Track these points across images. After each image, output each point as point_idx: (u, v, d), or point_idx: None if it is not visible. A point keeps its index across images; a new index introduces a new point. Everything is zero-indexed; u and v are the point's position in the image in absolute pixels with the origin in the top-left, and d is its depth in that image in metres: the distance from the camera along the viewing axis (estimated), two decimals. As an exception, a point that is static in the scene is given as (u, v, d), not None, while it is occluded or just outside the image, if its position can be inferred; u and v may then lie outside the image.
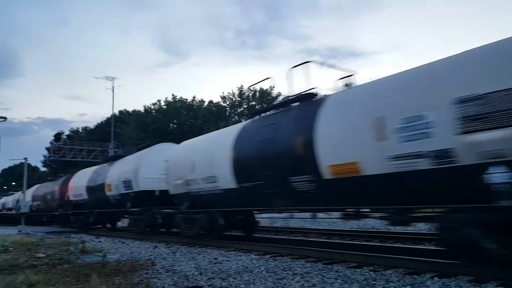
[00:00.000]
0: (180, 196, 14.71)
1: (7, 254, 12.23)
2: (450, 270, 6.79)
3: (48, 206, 32.61)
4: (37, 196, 35.69)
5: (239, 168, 11.68)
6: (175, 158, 15.68)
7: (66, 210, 27.05)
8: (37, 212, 34.67)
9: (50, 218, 33.43)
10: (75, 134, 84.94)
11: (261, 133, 11.17)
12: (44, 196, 33.71)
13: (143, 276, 8.02)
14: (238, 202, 12.35)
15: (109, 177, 20.89)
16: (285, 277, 7.30)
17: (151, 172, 17.60)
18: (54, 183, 32.31)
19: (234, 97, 64.00)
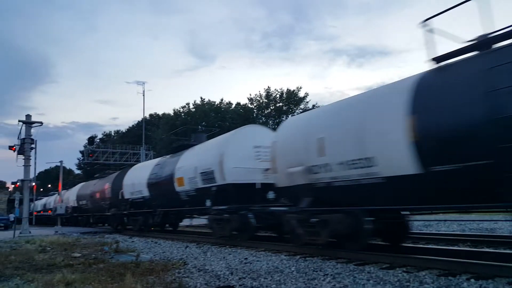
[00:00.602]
0: (295, 189, 10.89)
1: (45, 254, 12.58)
2: (487, 272, 6.65)
3: (96, 206, 29.72)
4: (83, 195, 33.10)
5: (429, 142, 7.48)
6: (286, 137, 11.75)
7: (119, 210, 24.16)
8: (83, 213, 33.43)
9: (98, 219, 31.52)
10: (108, 138, 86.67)
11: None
12: (91, 195, 30.64)
13: (175, 275, 8.13)
14: (415, 196, 8.30)
15: (180, 170, 17.56)
16: (316, 278, 7.30)
17: (239, 160, 14.32)
18: (104, 180, 29.26)
19: (261, 99, 64.09)
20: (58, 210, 28.71)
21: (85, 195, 32.09)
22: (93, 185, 31.08)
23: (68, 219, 37.99)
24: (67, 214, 36.09)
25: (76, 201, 34.14)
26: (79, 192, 34.41)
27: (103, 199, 27.51)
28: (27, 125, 25.85)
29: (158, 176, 19.73)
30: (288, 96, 61.88)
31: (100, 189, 28.41)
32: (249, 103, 65.48)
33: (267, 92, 63.46)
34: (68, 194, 38.49)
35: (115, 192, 24.97)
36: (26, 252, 13.12)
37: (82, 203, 32.79)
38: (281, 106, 61.32)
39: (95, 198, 29.34)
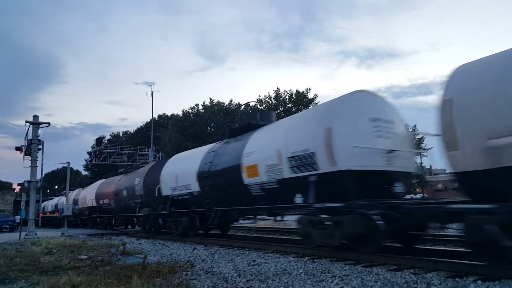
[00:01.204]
0: (502, 174, 6.79)
1: (51, 256, 12.58)
2: (494, 273, 6.56)
3: (121, 206, 26.12)
4: (104, 193, 29.44)
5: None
6: (478, 89, 7.31)
7: (155, 210, 20.41)
8: (104, 213, 30.16)
9: (124, 221, 28.90)
10: (116, 139, 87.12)
11: None
12: (116, 193, 26.84)
13: (182, 277, 8.10)
14: None
15: (251, 156, 13.27)
16: (324, 280, 7.24)
17: (355, 138, 9.90)
18: (132, 175, 25.66)
19: (270, 100, 64.16)
20: (65, 211, 28.70)
21: (107, 193, 28.64)
22: (118, 181, 27.50)
23: (85, 221, 36.65)
24: (84, 215, 35.21)
25: (96, 200, 31.01)
26: (99, 189, 30.96)
27: (131, 197, 23.96)
28: (34, 126, 25.94)
29: (215, 166, 15.46)
30: (297, 98, 61.88)
31: (128, 185, 24.73)
32: (258, 104, 65.56)
33: (276, 93, 63.53)
34: (85, 192, 35.57)
35: (148, 189, 21.39)
36: (31, 254, 13.13)
37: (104, 202, 29.34)
38: (290, 107, 61.30)
39: (120, 196, 25.82)
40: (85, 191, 36.18)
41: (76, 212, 35.76)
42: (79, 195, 37.60)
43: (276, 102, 63.52)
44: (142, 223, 22.77)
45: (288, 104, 62.20)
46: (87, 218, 34.79)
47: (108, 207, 28.74)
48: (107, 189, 28.94)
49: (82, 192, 37.71)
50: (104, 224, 30.92)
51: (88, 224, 35.32)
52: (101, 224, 31.46)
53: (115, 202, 27.05)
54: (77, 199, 37.40)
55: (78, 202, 36.80)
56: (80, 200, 36.42)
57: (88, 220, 34.93)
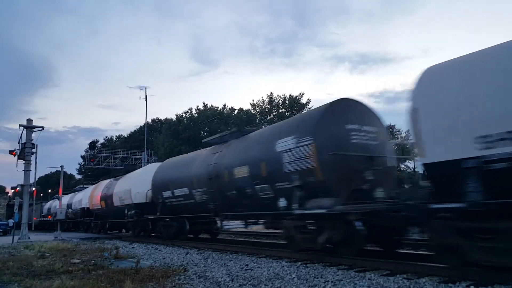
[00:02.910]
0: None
1: (44, 260, 12.53)
2: (486, 278, 6.61)
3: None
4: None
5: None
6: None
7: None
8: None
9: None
10: (109, 143, 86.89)
11: None
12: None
13: (175, 282, 8.10)
14: None
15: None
16: (317, 285, 7.26)
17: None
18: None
19: (264, 105, 64.31)
20: (58, 215, 28.54)
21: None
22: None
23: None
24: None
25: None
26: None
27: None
28: (28, 130, 25.82)
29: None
30: (290, 102, 62.02)
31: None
32: (252, 109, 65.66)
33: (270, 98, 63.66)
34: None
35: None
36: (24, 258, 13.07)
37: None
38: (284, 112, 61.42)
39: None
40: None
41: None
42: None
43: (269, 107, 63.69)
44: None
45: (282, 109, 62.33)
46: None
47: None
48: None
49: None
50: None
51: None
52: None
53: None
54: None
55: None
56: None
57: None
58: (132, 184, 22.08)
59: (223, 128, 59.06)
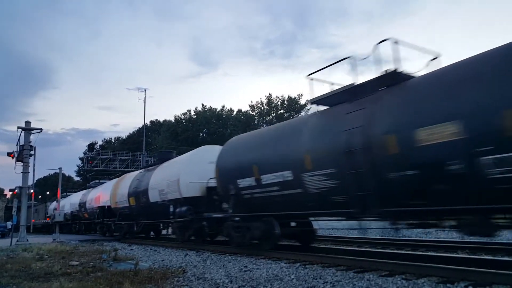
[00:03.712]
0: None
1: (42, 262, 12.52)
2: (485, 279, 6.62)
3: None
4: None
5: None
6: None
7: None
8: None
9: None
10: (108, 144, 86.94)
11: None
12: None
13: (174, 283, 8.10)
14: None
15: None
16: (316, 286, 7.26)
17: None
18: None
19: (262, 106, 64.37)
20: (57, 217, 28.54)
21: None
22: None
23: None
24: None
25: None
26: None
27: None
28: (26, 132, 25.81)
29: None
30: (289, 104, 62.11)
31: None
32: (251, 110, 65.71)
33: (269, 99, 63.71)
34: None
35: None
36: (23, 261, 13.06)
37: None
38: (282, 113, 61.51)
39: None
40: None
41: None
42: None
43: (268, 108, 63.72)
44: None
45: (280, 110, 62.39)
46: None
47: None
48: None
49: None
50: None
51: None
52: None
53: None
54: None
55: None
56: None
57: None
58: (181, 173, 17.14)
59: (221, 129, 59.25)
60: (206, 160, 16.48)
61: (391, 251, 12.12)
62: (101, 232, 28.52)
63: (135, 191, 21.73)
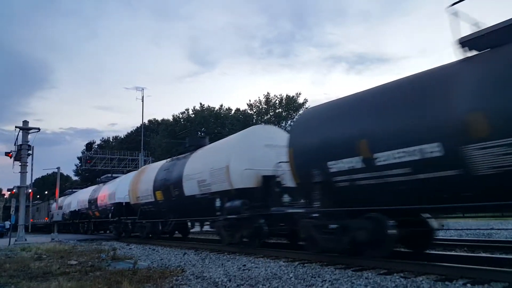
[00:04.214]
0: None
1: (41, 262, 12.49)
2: (483, 276, 6.63)
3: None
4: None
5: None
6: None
7: None
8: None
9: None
10: (106, 144, 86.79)
11: None
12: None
13: (173, 282, 8.08)
14: None
15: None
16: (314, 284, 7.26)
17: None
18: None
19: (260, 105, 64.31)
20: (55, 217, 28.52)
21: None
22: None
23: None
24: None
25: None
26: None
27: None
28: (24, 131, 25.80)
29: None
30: (287, 102, 62.06)
31: None
32: (249, 109, 65.68)
33: (267, 98, 63.67)
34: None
35: None
36: (21, 260, 13.04)
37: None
38: (281, 112, 61.50)
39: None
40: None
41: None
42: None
43: (266, 107, 63.66)
44: None
45: (278, 109, 62.36)
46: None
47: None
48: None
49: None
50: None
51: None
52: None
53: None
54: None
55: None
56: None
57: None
58: (231, 159, 13.85)
59: (220, 129, 59.22)
60: (260, 143, 13.96)
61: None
62: (117, 232, 25.33)
63: (163, 184, 18.48)
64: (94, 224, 30.69)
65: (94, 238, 25.03)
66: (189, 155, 17.71)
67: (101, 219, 28.25)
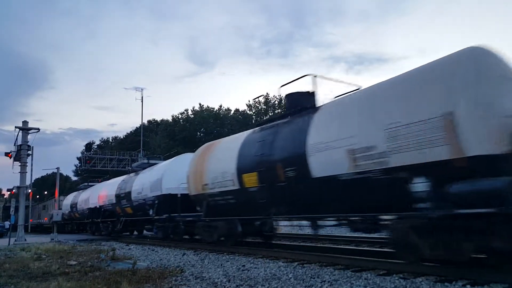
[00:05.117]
0: None
1: (40, 262, 12.49)
2: (483, 278, 6.63)
3: None
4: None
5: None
6: None
7: None
8: None
9: None
10: (105, 144, 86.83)
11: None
12: None
13: (172, 283, 8.09)
14: None
15: None
16: (314, 285, 7.26)
17: None
18: None
19: (260, 105, 64.31)
20: (55, 217, 28.52)
21: None
22: None
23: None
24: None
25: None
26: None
27: None
28: (23, 132, 25.81)
29: None
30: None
31: None
32: (248, 109, 65.69)
33: (266, 99, 63.67)
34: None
35: None
36: (21, 260, 13.05)
37: None
38: (280, 112, 61.48)
39: None
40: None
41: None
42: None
43: (265, 107, 63.68)
44: None
45: (278, 109, 62.36)
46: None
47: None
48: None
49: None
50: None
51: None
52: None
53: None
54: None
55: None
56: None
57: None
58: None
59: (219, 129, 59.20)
60: None
61: (389, 249, 12.13)
62: (164, 233, 18.62)
63: (259, 162, 11.75)
64: (124, 224, 24.42)
65: (93, 239, 24.97)
66: (314, 111, 10.82)
67: (135, 217, 22.63)
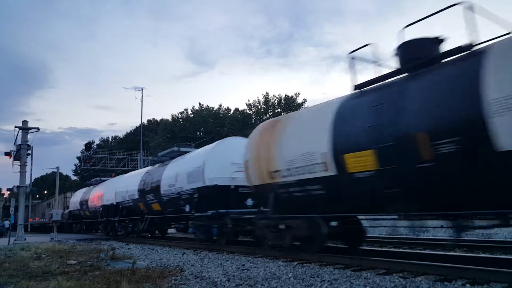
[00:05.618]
0: None
1: (40, 261, 12.49)
2: (483, 277, 6.63)
3: None
4: None
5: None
6: None
7: None
8: None
9: None
10: (105, 143, 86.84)
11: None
12: None
13: (172, 282, 8.08)
14: None
15: None
16: (313, 284, 7.26)
17: None
18: None
19: (259, 105, 64.34)
20: (54, 216, 28.49)
21: None
22: None
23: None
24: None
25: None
26: None
27: None
28: (23, 131, 25.80)
29: None
30: (286, 102, 62.09)
31: None
32: (248, 109, 65.69)
33: (266, 98, 63.68)
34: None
35: None
36: (20, 260, 13.05)
37: None
38: (280, 112, 61.48)
39: None
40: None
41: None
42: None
43: (265, 107, 63.68)
44: None
45: (277, 109, 62.38)
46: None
47: None
48: None
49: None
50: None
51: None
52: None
53: None
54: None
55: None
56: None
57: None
58: None
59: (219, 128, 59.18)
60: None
61: (389, 249, 12.16)
62: (206, 234, 15.06)
63: (381, 133, 8.31)
64: (150, 223, 21.18)
65: (93, 238, 24.98)
66: (479, 54, 7.31)
67: (163, 215, 19.88)
